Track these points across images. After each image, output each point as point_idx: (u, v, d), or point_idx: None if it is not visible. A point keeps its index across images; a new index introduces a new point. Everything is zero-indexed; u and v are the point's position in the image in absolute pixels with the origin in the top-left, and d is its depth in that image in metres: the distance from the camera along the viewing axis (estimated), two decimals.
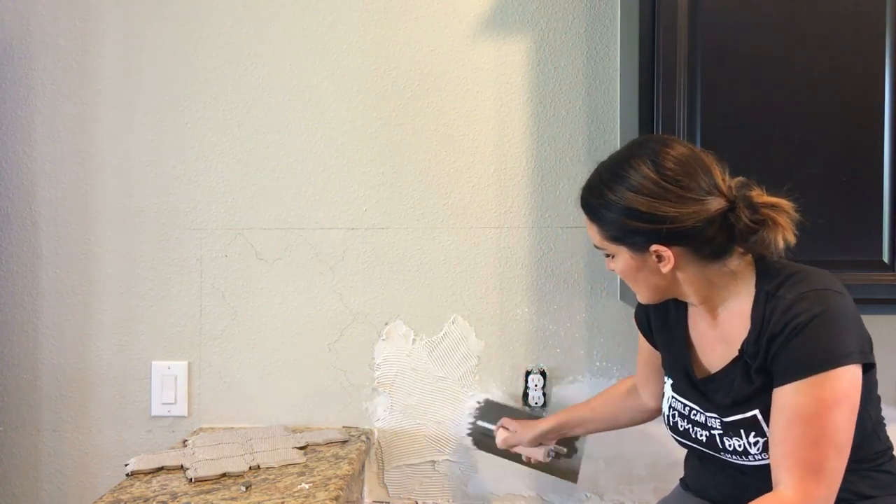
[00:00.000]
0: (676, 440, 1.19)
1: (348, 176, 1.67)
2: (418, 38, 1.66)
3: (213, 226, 1.68)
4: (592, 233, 1.11)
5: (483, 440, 1.58)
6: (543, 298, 1.65)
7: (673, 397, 1.18)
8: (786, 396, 0.98)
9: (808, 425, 0.96)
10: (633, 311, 1.38)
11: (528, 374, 1.65)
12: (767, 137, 1.32)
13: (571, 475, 1.54)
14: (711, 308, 1.10)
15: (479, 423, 1.60)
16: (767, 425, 1.02)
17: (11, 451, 1.70)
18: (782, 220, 0.99)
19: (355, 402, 1.68)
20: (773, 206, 1.00)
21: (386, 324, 1.68)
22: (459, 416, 1.67)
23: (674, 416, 1.17)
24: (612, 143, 1.64)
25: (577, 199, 1.62)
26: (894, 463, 1.10)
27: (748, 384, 1.04)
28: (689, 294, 1.09)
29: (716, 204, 1.00)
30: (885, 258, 1.30)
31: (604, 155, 1.61)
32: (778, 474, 0.98)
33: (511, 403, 1.65)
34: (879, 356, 1.63)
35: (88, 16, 1.68)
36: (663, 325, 1.21)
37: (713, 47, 1.32)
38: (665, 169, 1.01)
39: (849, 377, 0.96)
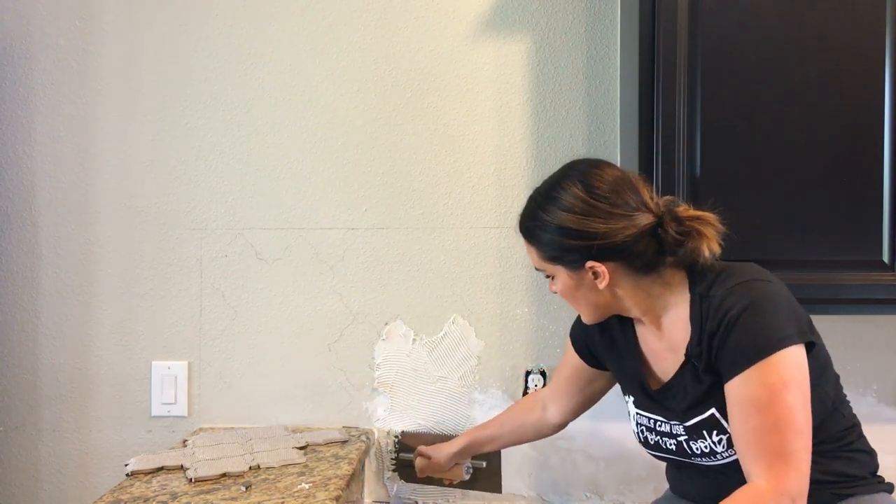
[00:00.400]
0: (650, 454, 1.21)
1: (348, 176, 1.67)
2: (418, 38, 1.66)
3: (213, 226, 1.68)
4: (532, 255, 1.15)
5: (406, 472, 1.61)
6: (543, 298, 1.65)
7: (638, 413, 1.20)
8: (735, 389, 1.01)
9: (764, 413, 0.98)
10: None
11: (528, 374, 1.65)
12: (767, 137, 1.32)
13: (494, 486, 1.59)
14: (655, 319, 1.13)
15: (402, 455, 1.63)
16: (727, 422, 1.04)
17: (11, 451, 1.70)
18: (707, 231, 1.04)
19: (355, 402, 1.68)
20: (697, 219, 1.05)
21: (386, 324, 1.68)
22: (460, 416, 1.67)
23: (642, 431, 1.19)
24: (612, 143, 1.64)
25: None
26: (864, 440, 1.12)
27: (699, 385, 1.07)
28: (631, 308, 1.13)
29: (644, 219, 1.05)
30: (885, 258, 1.30)
31: (604, 155, 1.63)
32: (747, 467, 1.00)
33: (426, 430, 1.66)
34: (880, 356, 1.63)
35: (88, 16, 1.68)
36: (611, 347, 1.24)
37: (713, 47, 1.32)
38: (594, 188, 1.06)
39: (791, 358, 0.99)
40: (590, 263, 1.07)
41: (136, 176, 1.69)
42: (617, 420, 1.54)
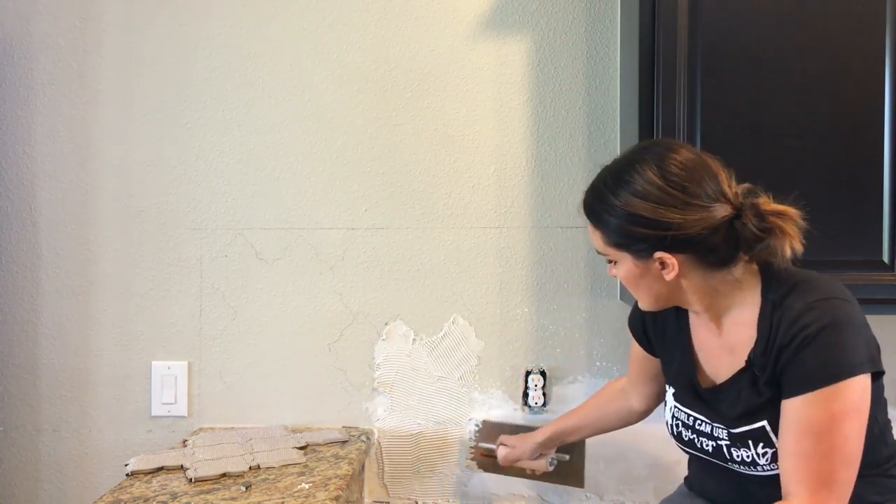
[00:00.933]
0: (682, 449, 1.18)
1: (348, 176, 1.67)
2: (418, 38, 1.66)
3: (213, 226, 1.68)
4: (595, 238, 1.09)
5: (485, 461, 1.58)
6: (543, 298, 1.65)
7: (676, 407, 1.16)
8: (796, 409, 0.97)
9: (819, 438, 0.95)
10: None
11: (528, 374, 1.65)
12: (767, 138, 1.32)
13: (577, 480, 1.55)
14: (715, 317, 1.08)
15: (481, 445, 1.60)
16: (776, 436, 1.01)
17: (11, 451, 1.70)
18: (789, 228, 0.98)
19: (355, 402, 1.68)
20: (780, 214, 0.98)
21: (386, 324, 1.68)
22: (460, 416, 1.67)
23: (677, 426, 1.16)
24: (612, 143, 1.64)
25: (577, 200, 1.62)
26: None
27: (757, 396, 1.03)
28: (693, 302, 1.08)
29: (722, 211, 0.98)
30: (885, 258, 1.30)
31: (604, 155, 1.63)
32: (789, 486, 0.98)
33: (507, 420, 1.65)
34: (882, 357, 1.63)
35: (88, 16, 1.68)
36: (663, 334, 1.20)
37: (713, 47, 1.32)
38: (670, 174, 0.99)
39: (859, 387, 0.95)
40: (659, 254, 1.01)
41: (136, 176, 1.69)
42: None
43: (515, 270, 1.66)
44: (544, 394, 1.64)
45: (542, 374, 1.64)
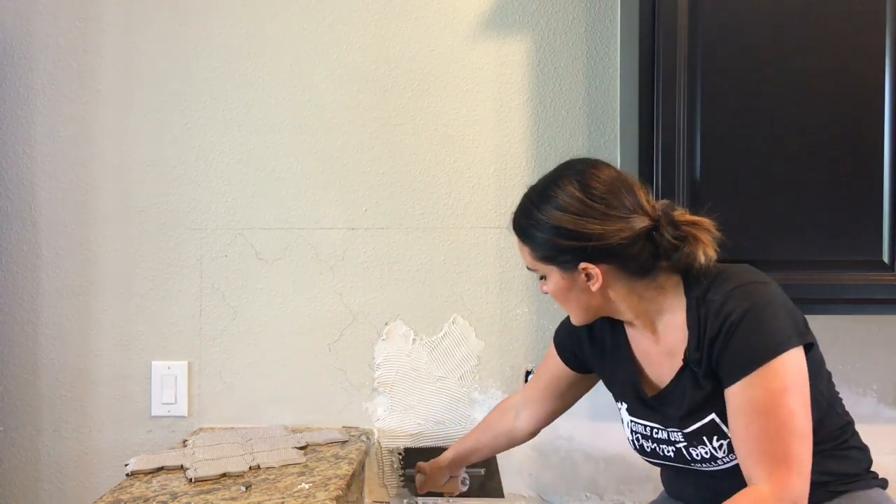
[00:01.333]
0: (647, 462, 1.20)
1: (348, 176, 1.67)
2: (418, 38, 1.66)
3: (213, 226, 1.68)
4: (524, 254, 1.14)
5: (412, 486, 1.57)
6: (543, 298, 1.65)
7: (632, 421, 1.18)
8: (737, 395, 1.00)
9: (766, 417, 0.98)
10: None
11: (528, 374, 1.65)
12: (767, 138, 1.32)
13: (497, 492, 1.58)
14: (648, 323, 1.11)
15: (407, 471, 1.61)
16: (727, 426, 1.04)
17: (11, 451, 1.70)
18: (703, 236, 1.04)
19: (355, 402, 1.68)
20: (693, 224, 1.04)
21: (386, 324, 1.68)
22: (460, 416, 1.67)
23: (637, 439, 1.18)
24: (612, 143, 1.64)
25: None
26: (857, 436, 1.12)
27: (699, 391, 1.06)
28: (623, 311, 1.11)
29: (640, 222, 1.04)
30: (885, 258, 1.30)
31: (604, 155, 1.63)
32: (748, 471, 1.00)
33: (425, 444, 1.66)
34: (880, 356, 1.63)
35: (88, 16, 1.68)
36: (602, 352, 1.22)
37: (713, 47, 1.32)
38: (591, 188, 1.05)
39: (792, 362, 0.99)
40: (583, 265, 1.06)
41: (136, 176, 1.69)
42: (616, 420, 1.52)
43: (515, 270, 1.66)
44: None
45: None
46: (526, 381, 1.65)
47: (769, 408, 0.97)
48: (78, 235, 1.69)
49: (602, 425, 1.64)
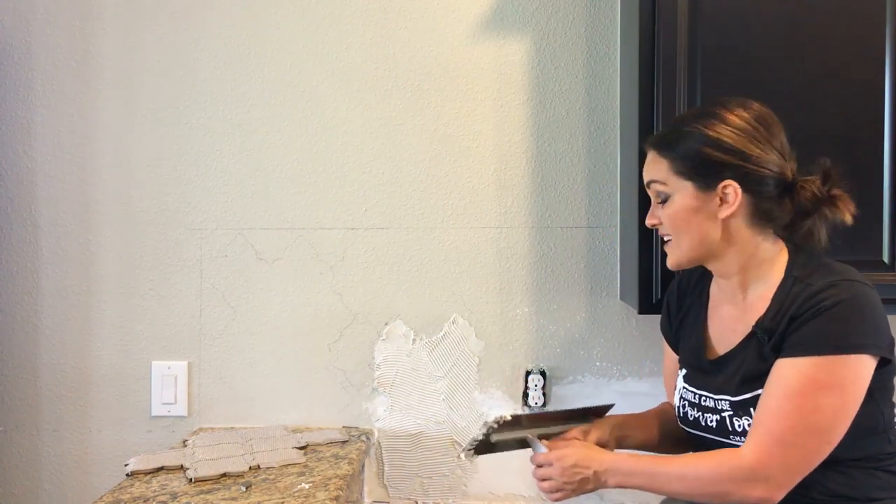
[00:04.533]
0: (686, 431, 1.19)
1: (348, 176, 1.67)
2: (418, 38, 1.66)
3: (213, 226, 1.68)
4: (656, 168, 1.10)
5: (482, 446, 1.25)
6: (543, 298, 1.65)
7: (684, 388, 1.18)
8: (783, 368, 1.00)
9: (788, 400, 0.97)
10: (633, 311, 1.38)
11: (528, 374, 1.65)
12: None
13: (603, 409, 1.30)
14: (743, 284, 1.10)
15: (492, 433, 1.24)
16: None
17: (11, 451, 1.70)
18: (839, 211, 1.04)
19: (355, 402, 1.68)
20: (839, 197, 1.05)
21: (386, 324, 1.68)
22: (460, 417, 1.67)
23: (684, 406, 1.17)
24: (613, 143, 1.64)
25: (578, 200, 1.62)
26: None
27: (761, 362, 1.04)
28: (730, 257, 1.09)
29: (788, 168, 1.05)
30: (885, 258, 1.30)
31: (604, 155, 1.64)
32: (748, 437, 1.01)
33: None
34: None
35: (88, 16, 1.68)
36: (685, 317, 1.22)
37: (713, 47, 1.32)
38: (757, 114, 1.06)
39: (854, 367, 0.97)
40: (727, 182, 1.04)
41: (136, 176, 1.69)
42: None
43: (515, 270, 1.66)
44: (544, 394, 1.64)
45: (542, 374, 1.64)
46: (526, 381, 1.65)
47: (798, 393, 0.97)
48: (78, 235, 1.69)
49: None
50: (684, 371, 1.19)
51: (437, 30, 1.66)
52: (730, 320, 1.13)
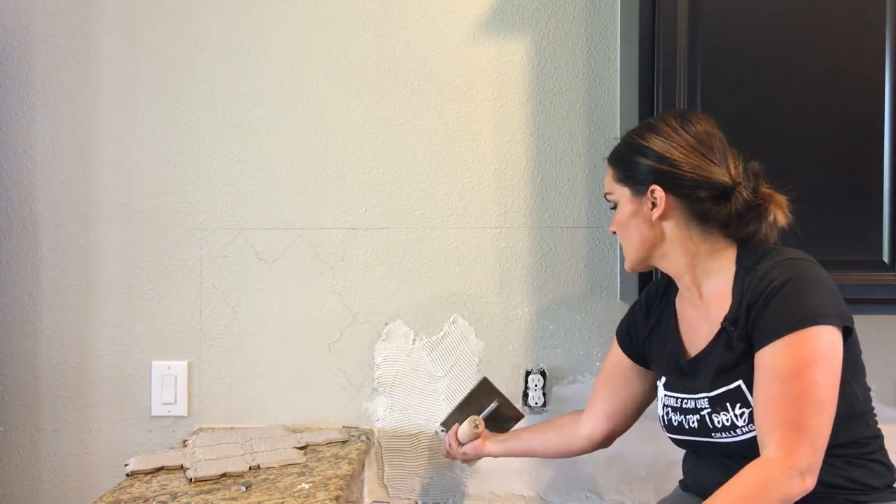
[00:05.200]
0: (672, 439, 1.21)
1: (348, 176, 1.67)
2: (418, 38, 1.66)
3: (213, 226, 1.68)
4: (607, 179, 1.21)
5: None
6: (543, 298, 1.65)
7: (666, 395, 1.20)
8: (765, 358, 1.01)
9: (787, 383, 0.98)
10: None
11: (528, 374, 1.65)
12: (767, 138, 1.32)
13: (515, 414, 1.55)
14: (695, 282, 1.15)
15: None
16: (752, 396, 1.04)
17: (11, 451, 1.70)
18: (775, 211, 1.09)
19: (355, 402, 1.68)
20: (770, 196, 1.10)
21: (386, 324, 1.68)
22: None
23: (667, 413, 1.19)
24: (612, 143, 1.62)
25: (577, 200, 1.63)
26: (885, 453, 1.11)
27: (730, 353, 1.07)
28: (674, 255, 1.14)
29: (720, 174, 1.09)
30: (885, 258, 1.30)
31: (604, 154, 1.63)
32: (762, 437, 1.00)
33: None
34: (880, 356, 1.63)
35: (88, 16, 1.68)
36: (654, 326, 1.25)
37: (713, 47, 1.32)
38: (688, 122, 1.12)
39: (825, 336, 0.99)
40: (653, 187, 1.11)
41: (136, 176, 1.69)
42: None
43: (515, 270, 1.66)
44: (544, 394, 1.64)
45: (542, 374, 1.64)
46: (526, 381, 1.65)
47: (792, 374, 0.98)
48: (78, 235, 1.69)
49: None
50: (664, 379, 1.21)
51: (437, 30, 1.66)
52: (694, 320, 1.17)
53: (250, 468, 1.38)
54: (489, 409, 1.52)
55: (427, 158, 1.67)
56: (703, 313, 1.14)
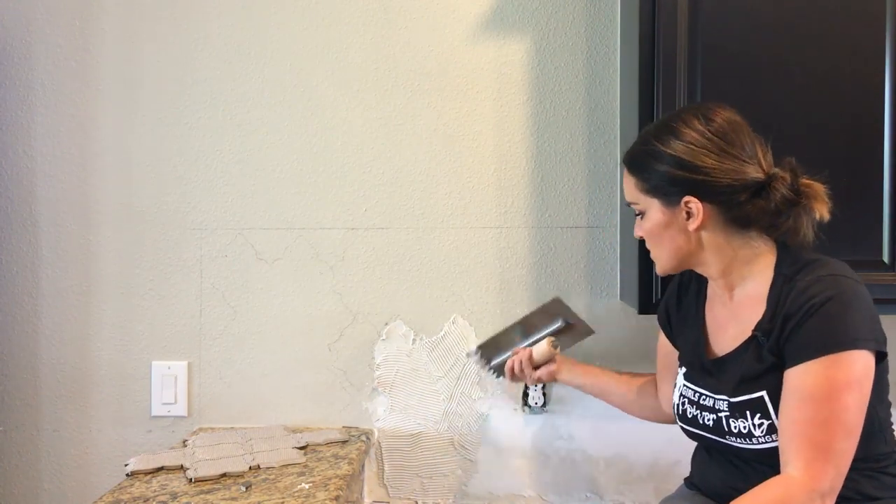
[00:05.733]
0: (683, 429, 1.19)
1: (348, 176, 1.67)
2: (418, 38, 1.66)
3: (213, 226, 1.68)
4: (629, 186, 1.13)
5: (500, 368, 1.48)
6: (543, 299, 1.65)
7: (684, 385, 1.18)
8: (797, 377, 0.99)
9: (819, 406, 0.96)
10: (633, 311, 1.37)
11: None
12: (767, 138, 1.31)
13: (586, 329, 1.46)
14: (729, 285, 1.11)
15: (493, 363, 1.50)
16: (774, 409, 1.03)
17: (11, 451, 1.70)
18: (816, 204, 1.04)
19: (355, 402, 1.68)
20: (809, 187, 1.05)
21: (386, 324, 1.68)
22: (460, 417, 1.67)
23: (683, 403, 1.18)
24: (612, 143, 1.64)
25: (577, 199, 1.63)
26: None
27: (759, 363, 1.05)
28: (711, 263, 1.10)
29: (753, 171, 1.04)
30: (885, 258, 1.30)
31: (604, 155, 1.63)
32: (786, 456, 0.99)
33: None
34: None
35: (88, 16, 1.68)
36: (684, 317, 1.23)
37: (713, 47, 1.32)
38: (713, 122, 1.06)
39: (861, 362, 0.97)
40: (687, 198, 1.05)
41: (136, 176, 1.69)
42: (617, 420, 1.53)
43: (515, 270, 1.66)
44: (544, 394, 1.64)
45: None
46: None
47: (825, 397, 0.96)
48: (78, 235, 1.69)
49: (602, 425, 1.64)
50: (684, 369, 1.20)
51: (437, 30, 1.66)
52: (722, 319, 1.14)
53: (250, 468, 1.38)
54: (556, 325, 1.42)
55: (427, 158, 1.67)
56: (733, 314, 1.11)
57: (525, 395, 1.65)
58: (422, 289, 1.67)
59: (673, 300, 1.26)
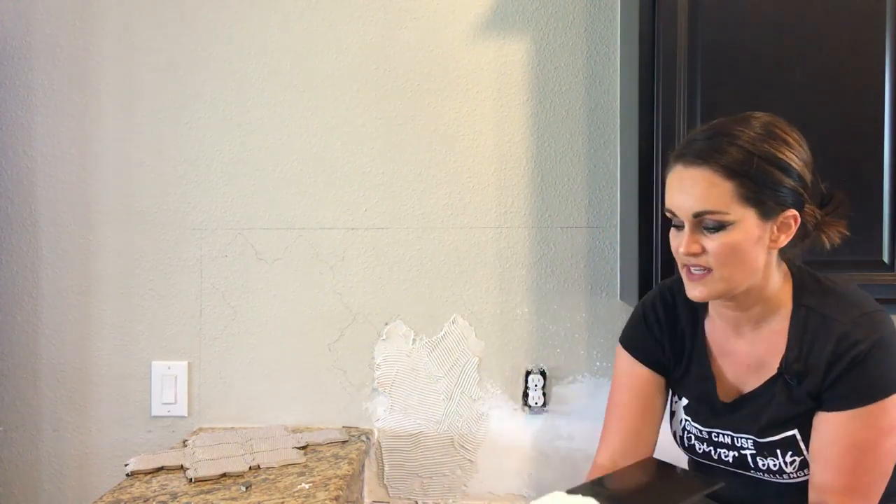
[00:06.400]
0: (694, 460, 1.15)
1: (348, 176, 1.67)
2: (418, 38, 1.66)
3: (213, 226, 1.68)
4: (715, 194, 0.96)
5: None
6: (543, 298, 1.65)
7: (686, 420, 1.12)
8: (840, 424, 0.97)
9: (864, 454, 0.96)
10: (633, 310, 1.37)
11: (528, 374, 1.65)
12: None
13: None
14: (756, 317, 1.04)
15: None
16: (805, 445, 1.01)
17: (11, 451, 1.70)
18: (832, 232, 1.03)
19: (355, 402, 1.68)
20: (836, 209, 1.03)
21: (386, 324, 1.68)
22: (459, 417, 1.67)
23: (689, 438, 1.13)
24: (613, 143, 1.64)
25: (577, 199, 1.62)
26: None
27: (791, 405, 1.01)
28: (754, 290, 1.01)
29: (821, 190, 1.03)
30: (885, 258, 1.30)
31: (604, 155, 1.63)
32: (821, 495, 0.98)
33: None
34: None
35: (88, 16, 1.68)
36: (682, 348, 1.13)
37: (713, 46, 1.32)
38: (800, 135, 1.01)
39: None
40: (792, 212, 0.97)
41: (136, 176, 1.69)
42: None
43: (515, 270, 1.66)
44: (544, 394, 1.64)
45: (542, 374, 1.64)
46: (526, 381, 1.65)
47: (871, 445, 0.96)
48: (78, 235, 1.69)
49: (602, 425, 1.63)
50: (686, 402, 1.12)
51: (437, 30, 1.66)
52: (737, 354, 1.07)
53: (250, 468, 1.38)
54: None
55: (427, 158, 1.67)
56: (751, 348, 1.05)
57: (525, 395, 1.65)
58: (422, 289, 1.67)
59: (663, 326, 1.14)
